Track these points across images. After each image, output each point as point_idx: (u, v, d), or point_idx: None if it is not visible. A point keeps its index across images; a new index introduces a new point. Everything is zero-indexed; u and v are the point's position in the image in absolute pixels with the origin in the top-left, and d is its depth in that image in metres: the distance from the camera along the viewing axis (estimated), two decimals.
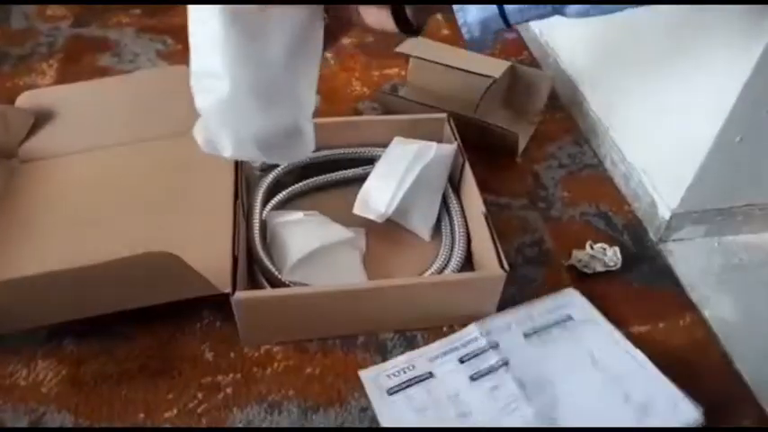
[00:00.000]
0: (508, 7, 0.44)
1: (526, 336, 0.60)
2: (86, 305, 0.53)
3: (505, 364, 0.57)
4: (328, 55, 0.98)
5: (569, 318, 0.62)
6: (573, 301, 0.63)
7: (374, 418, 0.54)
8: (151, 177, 0.66)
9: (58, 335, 0.58)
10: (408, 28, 0.48)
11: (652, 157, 0.74)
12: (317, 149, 0.73)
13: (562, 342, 0.60)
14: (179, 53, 0.96)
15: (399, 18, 0.47)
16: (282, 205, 0.70)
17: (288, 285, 0.59)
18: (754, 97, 0.59)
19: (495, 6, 0.45)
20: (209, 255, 0.55)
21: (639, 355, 0.58)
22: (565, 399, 0.55)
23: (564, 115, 0.89)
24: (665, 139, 0.71)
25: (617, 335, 0.60)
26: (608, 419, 0.54)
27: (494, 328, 0.61)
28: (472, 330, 0.60)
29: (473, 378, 0.57)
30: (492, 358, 0.58)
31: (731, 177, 0.68)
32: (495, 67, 0.82)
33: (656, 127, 0.73)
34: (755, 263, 0.71)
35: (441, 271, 0.64)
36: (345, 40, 1.02)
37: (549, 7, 0.44)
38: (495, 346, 0.59)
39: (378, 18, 0.48)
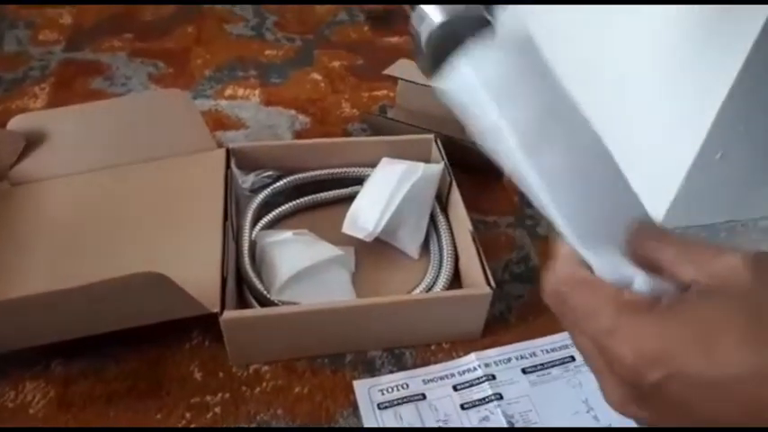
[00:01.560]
0: None
1: (525, 372, 0.60)
2: (75, 326, 0.53)
3: (499, 397, 0.58)
4: (318, 77, 1.00)
5: (571, 359, 0.62)
6: None
7: None
8: (141, 199, 0.66)
9: (46, 356, 0.58)
10: None
11: (635, 175, 0.75)
12: (307, 170, 0.74)
13: (560, 384, 0.59)
14: (170, 76, 0.97)
15: None
16: (272, 225, 0.70)
17: (277, 305, 0.59)
18: (733, 114, 0.60)
19: None
20: (198, 275, 0.56)
21: None
22: None
23: None
24: (648, 157, 0.72)
25: None
26: None
27: (493, 361, 0.61)
28: (471, 359, 0.61)
29: (464, 407, 0.57)
30: (486, 390, 0.58)
31: (713, 194, 0.69)
32: None
33: (638, 144, 0.74)
34: None
35: (429, 289, 0.65)
36: (335, 63, 1.03)
37: None
38: (491, 378, 0.59)
39: None
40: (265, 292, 0.60)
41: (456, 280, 0.66)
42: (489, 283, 0.58)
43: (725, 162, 0.65)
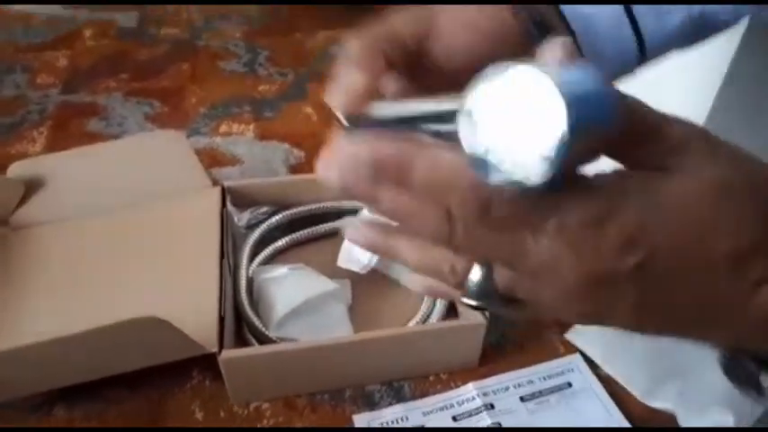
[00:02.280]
0: None
1: (523, 400, 0.61)
2: (75, 373, 0.54)
3: (498, 426, 0.58)
4: (311, 110, 1.01)
5: (569, 385, 0.62)
6: (574, 368, 0.64)
7: None
8: (139, 241, 0.67)
9: (48, 401, 0.58)
10: None
11: None
12: (302, 204, 0.75)
13: (558, 411, 0.60)
14: (166, 115, 0.99)
15: None
16: (269, 261, 0.71)
17: (275, 341, 0.60)
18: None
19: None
20: (196, 315, 0.57)
21: None
22: None
23: None
24: None
25: (613, 410, 0.60)
26: None
27: (491, 390, 0.61)
28: (469, 389, 0.61)
29: None
30: (485, 420, 0.59)
31: None
32: None
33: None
34: None
35: (425, 319, 0.65)
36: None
37: None
38: (490, 407, 0.60)
39: None
40: (263, 329, 0.61)
41: (452, 309, 0.67)
42: (484, 314, 0.59)
43: None
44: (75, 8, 1.29)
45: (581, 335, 0.65)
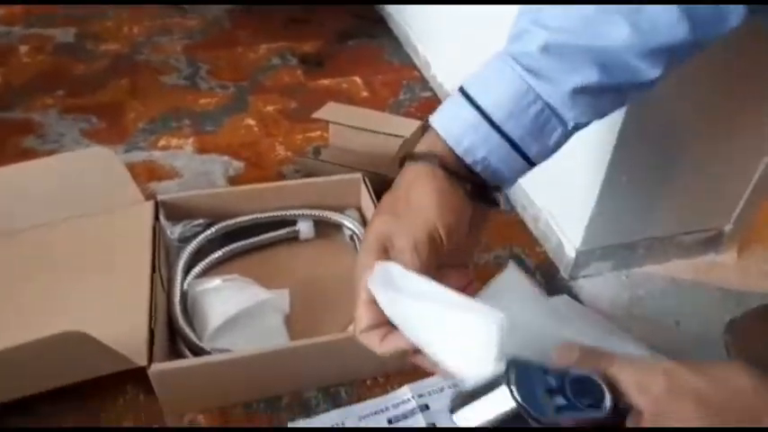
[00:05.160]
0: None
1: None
2: (5, 389, 0.53)
3: (432, 427, 0.59)
4: (252, 121, 1.02)
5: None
6: None
7: None
8: (70, 257, 0.67)
9: None
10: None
11: (555, 200, 0.79)
12: (238, 216, 0.75)
13: None
14: (103, 131, 0.98)
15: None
16: (205, 273, 0.71)
17: (210, 353, 0.60)
18: (631, 141, 0.65)
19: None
20: (127, 329, 0.56)
21: None
22: None
23: None
24: (564, 182, 0.76)
25: None
26: None
27: (427, 391, 0.62)
28: (405, 392, 0.62)
29: None
30: (420, 421, 0.60)
31: (626, 214, 0.73)
32: (406, 126, 0.87)
33: (556, 171, 0.78)
34: (657, 292, 0.76)
35: None
36: (269, 107, 1.06)
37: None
38: (424, 408, 0.61)
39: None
40: (197, 342, 0.61)
41: None
42: None
43: (631, 185, 0.69)
44: (10, 24, 1.27)
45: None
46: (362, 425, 0.59)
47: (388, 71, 1.19)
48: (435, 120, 0.46)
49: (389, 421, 0.60)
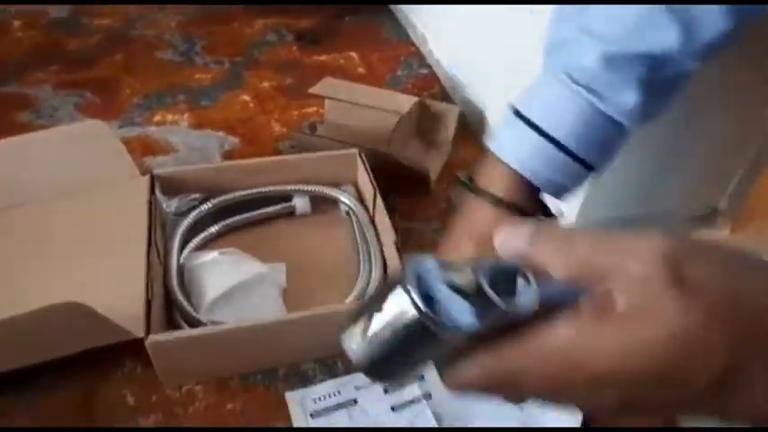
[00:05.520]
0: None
1: None
2: (2, 360, 0.53)
3: (428, 397, 0.60)
4: (247, 97, 1.01)
5: None
6: None
7: None
8: (67, 230, 0.67)
9: None
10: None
11: None
12: (234, 191, 0.75)
13: None
14: (98, 106, 0.98)
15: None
16: (202, 248, 0.71)
17: (206, 325, 0.60)
18: None
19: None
20: (123, 301, 0.57)
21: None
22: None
23: (474, 141, 0.94)
24: None
25: None
26: None
27: None
28: None
29: (394, 408, 0.59)
30: (415, 391, 0.60)
31: (621, 189, 0.73)
32: (403, 103, 0.87)
33: None
34: None
35: (360, 299, 0.67)
36: (264, 83, 1.05)
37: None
38: (420, 378, 0.61)
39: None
40: (194, 314, 0.61)
41: None
42: None
43: (627, 160, 0.69)
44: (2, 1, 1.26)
45: None
46: (358, 394, 0.60)
47: (386, 48, 1.19)
48: (499, 148, 0.46)
49: (385, 391, 0.60)
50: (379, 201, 0.72)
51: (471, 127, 0.97)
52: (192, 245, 0.70)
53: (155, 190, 0.69)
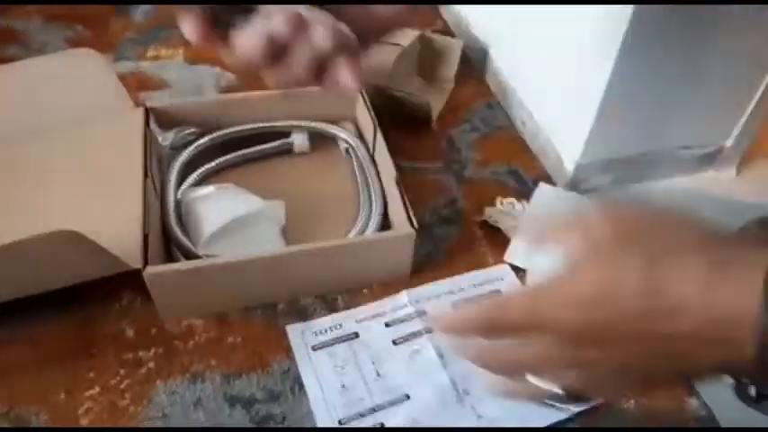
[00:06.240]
0: None
1: (454, 306, 0.62)
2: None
3: (429, 331, 0.60)
4: None
5: (498, 292, 0.64)
6: (503, 277, 0.65)
7: (296, 378, 0.56)
8: (60, 161, 0.65)
9: None
10: None
11: (555, 115, 0.77)
12: (231, 125, 0.74)
13: None
14: (89, 40, 0.94)
15: None
16: (199, 183, 0.70)
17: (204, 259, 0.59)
18: (634, 53, 0.62)
19: None
20: (120, 234, 0.56)
21: None
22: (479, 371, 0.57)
23: (477, 80, 0.92)
24: (564, 97, 0.74)
25: None
26: None
27: (423, 297, 0.63)
28: (402, 297, 0.62)
29: (395, 342, 0.59)
30: (417, 325, 0.60)
31: (625, 128, 0.72)
32: (404, 36, 0.84)
33: (554, 85, 0.76)
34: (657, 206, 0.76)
35: (360, 235, 0.66)
36: None
37: None
38: (422, 313, 0.61)
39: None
40: (191, 248, 0.60)
41: (387, 225, 0.68)
42: (412, 225, 0.60)
43: (631, 98, 0.68)
44: None
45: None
46: (359, 327, 0.60)
47: None
48: None
49: (387, 324, 0.60)
50: (380, 137, 0.71)
51: (474, 64, 0.94)
52: (189, 180, 0.69)
53: (149, 123, 0.67)
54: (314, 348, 0.58)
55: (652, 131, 0.74)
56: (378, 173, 0.72)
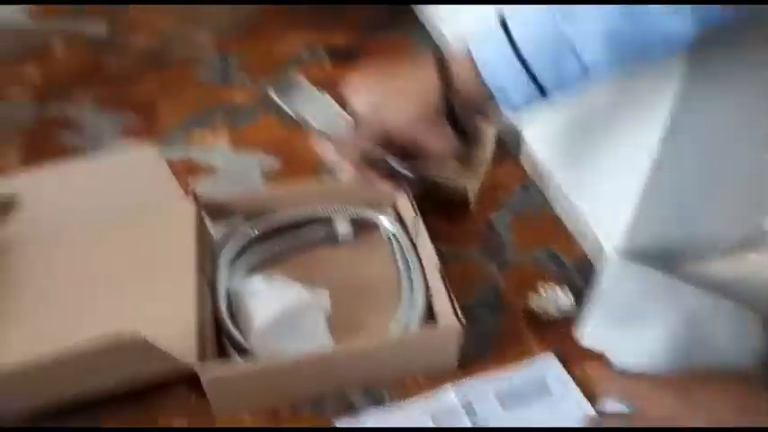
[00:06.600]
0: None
1: (502, 404, 0.62)
2: (53, 396, 0.54)
3: (479, 427, 0.60)
4: (283, 117, 1.02)
5: (547, 388, 0.64)
6: (549, 368, 0.65)
7: None
8: (115, 257, 0.68)
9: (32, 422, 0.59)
10: (464, 137, 0.56)
11: (594, 199, 0.78)
12: (277, 212, 0.76)
13: (539, 415, 0.61)
14: (139, 127, 0.99)
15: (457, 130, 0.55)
16: (247, 272, 0.72)
17: (254, 352, 0.61)
18: (675, 150, 0.64)
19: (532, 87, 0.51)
20: (175, 330, 0.58)
21: None
22: None
23: (512, 162, 0.94)
24: (605, 182, 0.75)
25: (586, 405, 0.62)
26: None
27: (471, 393, 0.63)
28: (449, 393, 0.63)
29: None
30: (464, 420, 0.60)
31: (667, 216, 0.72)
32: None
33: (594, 169, 0.77)
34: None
35: (404, 327, 0.67)
36: None
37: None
38: (470, 411, 0.61)
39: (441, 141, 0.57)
40: (243, 342, 0.62)
41: (431, 314, 0.69)
42: (459, 319, 0.61)
43: (674, 186, 0.68)
44: (41, 19, 1.28)
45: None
46: (406, 422, 0.60)
47: None
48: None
49: (433, 419, 0.61)
50: (421, 225, 0.72)
51: (509, 146, 0.96)
52: (237, 270, 0.71)
53: (201, 214, 0.70)
54: None
55: (692, 218, 0.74)
56: (419, 259, 0.73)
